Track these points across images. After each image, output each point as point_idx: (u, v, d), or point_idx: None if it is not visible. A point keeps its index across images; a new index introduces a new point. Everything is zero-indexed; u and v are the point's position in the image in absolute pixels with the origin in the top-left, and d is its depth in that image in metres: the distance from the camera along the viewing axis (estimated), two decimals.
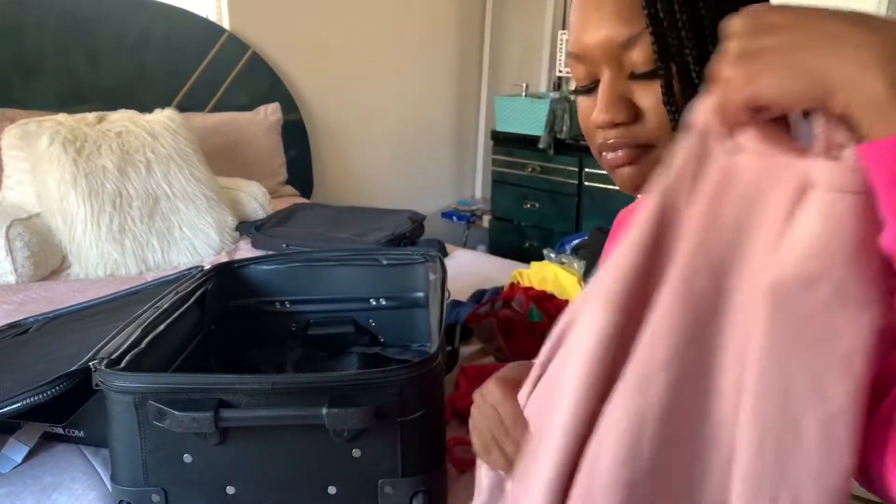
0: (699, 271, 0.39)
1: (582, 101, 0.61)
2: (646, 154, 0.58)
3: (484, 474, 0.60)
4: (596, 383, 0.41)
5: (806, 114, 0.38)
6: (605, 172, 2.68)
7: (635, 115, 0.57)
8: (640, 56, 0.55)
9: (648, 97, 0.56)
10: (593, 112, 0.58)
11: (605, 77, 0.57)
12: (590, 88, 0.59)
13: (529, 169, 2.90)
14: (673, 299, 0.39)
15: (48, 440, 0.96)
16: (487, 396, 0.61)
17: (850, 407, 0.35)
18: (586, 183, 2.74)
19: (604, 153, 0.60)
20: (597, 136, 0.60)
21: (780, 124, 0.39)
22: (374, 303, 1.22)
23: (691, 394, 0.39)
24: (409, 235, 1.93)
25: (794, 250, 0.35)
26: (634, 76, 0.56)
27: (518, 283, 1.54)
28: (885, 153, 0.34)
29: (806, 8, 0.38)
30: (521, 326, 1.30)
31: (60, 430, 0.96)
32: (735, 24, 0.39)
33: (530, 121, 2.85)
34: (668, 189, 0.42)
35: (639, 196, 0.66)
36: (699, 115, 0.41)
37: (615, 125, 0.57)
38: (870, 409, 0.37)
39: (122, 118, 1.90)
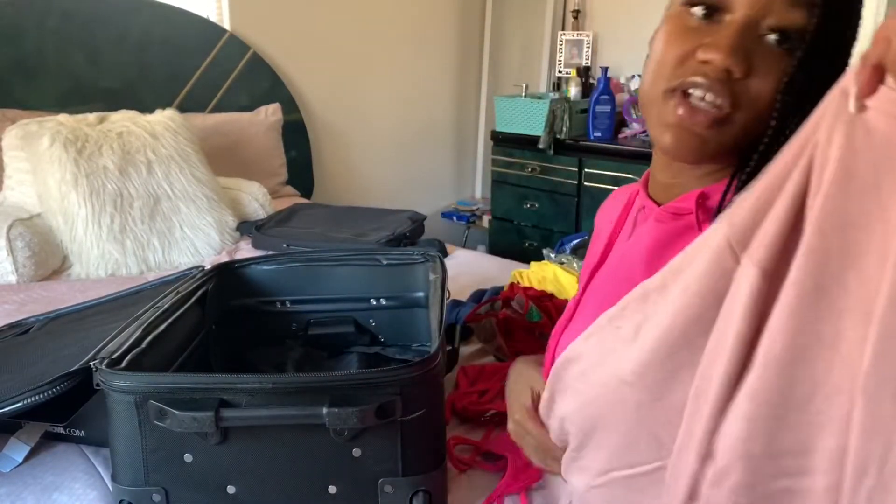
0: (827, 232, 0.41)
1: (684, 19, 0.55)
2: (726, 123, 0.53)
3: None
4: (748, 334, 0.45)
5: None
6: (604, 172, 2.66)
7: (746, 73, 0.52)
8: (794, 20, 0.51)
9: (767, 62, 0.52)
10: (703, 43, 0.53)
11: (741, 17, 0.52)
12: (708, 12, 0.54)
13: (529, 169, 2.90)
14: (804, 257, 0.42)
15: (49, 440, 0.97)
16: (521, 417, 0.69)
17: None
18: (586, 183, 2.74)
19: (671, 99, 0.54)
20: (685, 69, 0.54)
21: None
22: (374, 303, 1.22)
23: (813, 345, 0.42)
24: (410, 235, 1.94)
25: None
26: (767, 37, 0.52)
27: (518, 282, 1.54)
28: None
29: None
30: (520, 326, 1.30)
31: (61, 430, 0.96)
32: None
33: (530, 121, 2.85)
34: (807, 147, 0.43)
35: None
36: (842, 79, 0.41)
37: (726, 71, 0.52)
38: None
39: (122, 118, 1.90)
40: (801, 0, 0.51)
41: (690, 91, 0.54)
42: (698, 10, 0.54)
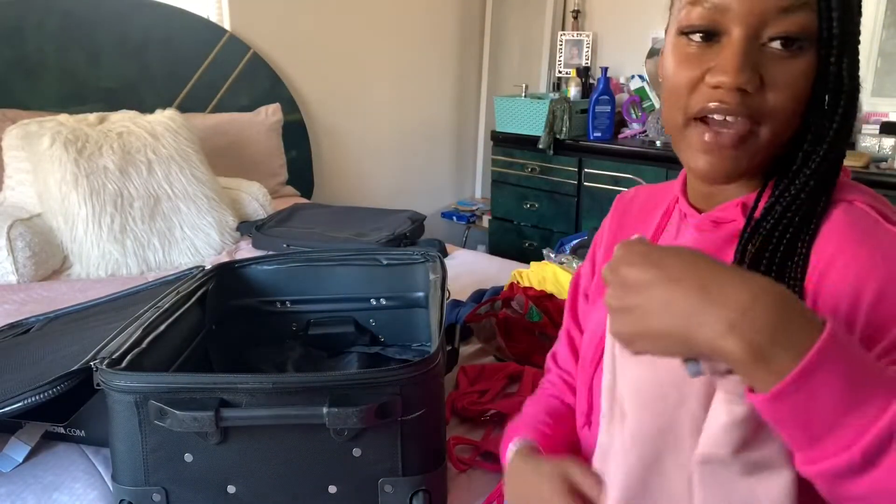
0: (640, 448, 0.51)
1: (684, 47, 0.55)
2: (751, 138, 0.54)
3: None
4: None
5: None
6: (604, 172, 2.66)
7: (760, 87, 0.52)
8: (792, 23, 0.51)
9: (778, 69, 0.52)
10: (710, 67, 0.53)
11: (740, 35, 0.52)
12: (706, 37, 0.54)
13: (529, 169, 2.90)
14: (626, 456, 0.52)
15: (49, 440, 0.97)
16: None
17: None
18: (586, 183, 2.74)
19: (694, 126, 0.55)
20: (699, 96, 0.54)
21: None
22: (375, 303, 1.22)
23: None
24: (409, 235, 1.94)
25: (710, 435, 0.46)
26: (770, 45, 0.52)
27: (518, 283, 1.54)
28: (762, 406, 0.40)
29: (657, 260, 0.42)
30: (520, 326, 1.30)
31: (62, 430, 0.96)
32: (605, 272, 0.45)
33: (530, 121, 2.85)
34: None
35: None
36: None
37: (739, 90, 0.52)
38: None
39: (123, 118, 1.91)
40: (793, 4, 0.51)
41: (711, 116, 0.54)
42: (696, 37, 0.55)
